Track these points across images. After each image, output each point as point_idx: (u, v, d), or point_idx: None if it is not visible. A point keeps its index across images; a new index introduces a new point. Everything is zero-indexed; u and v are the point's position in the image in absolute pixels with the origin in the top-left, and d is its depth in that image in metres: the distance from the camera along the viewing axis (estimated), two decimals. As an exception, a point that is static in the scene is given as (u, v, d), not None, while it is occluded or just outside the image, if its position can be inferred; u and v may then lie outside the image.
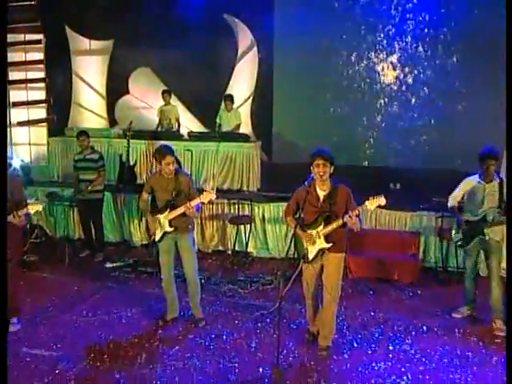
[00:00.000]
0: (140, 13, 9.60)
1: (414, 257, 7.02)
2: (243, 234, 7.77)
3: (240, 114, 9.14)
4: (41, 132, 9.46)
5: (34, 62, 9.02)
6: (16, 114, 9.22)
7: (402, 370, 4.57)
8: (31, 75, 9.21)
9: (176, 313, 5.42)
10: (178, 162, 5.89)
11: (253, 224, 7.76)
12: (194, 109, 9.85)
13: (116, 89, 10.33)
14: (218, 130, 8.76)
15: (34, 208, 5.04)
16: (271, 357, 4.48)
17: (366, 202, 4.39)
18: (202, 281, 6.13)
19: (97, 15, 9.67)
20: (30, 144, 9.43)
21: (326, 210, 4.50)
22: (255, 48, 9.71)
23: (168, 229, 5.00)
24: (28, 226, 7.48)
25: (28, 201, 5.18)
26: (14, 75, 9.07)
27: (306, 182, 4.59)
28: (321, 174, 4.43)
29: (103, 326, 5.33)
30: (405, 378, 4.44)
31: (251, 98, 9.84)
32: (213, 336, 5.12)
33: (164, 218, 5.01)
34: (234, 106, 9.17)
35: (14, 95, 9.16)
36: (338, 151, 9.18)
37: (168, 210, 5.00)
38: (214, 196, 4.93)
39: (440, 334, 5.29)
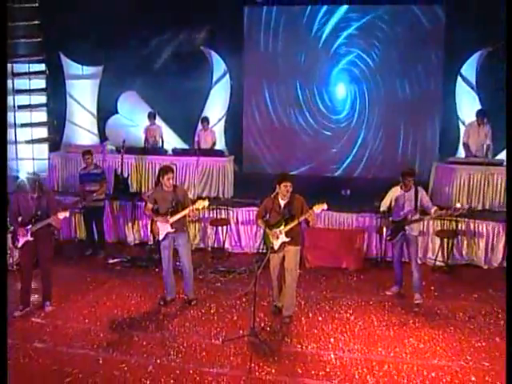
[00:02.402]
0: (127, 43, 11.09)
1: (358, 249, 8.71)
2: (220, 234, 9.35)
3: (215, 133, 10.76)
4: (42, 148, 10.88)
5: (37, 90, 10.45)
6: (22, 133, 10.63)
7: (343, 330, 6.28)
8: (35, 100, 10.63)
9: (174, 295, 7.02)
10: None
11: (228, 225, 9.35)
12: (175, 128, 11.43)
13: (106, 109, 11.75)
14: (197, 147, 10.39)
15: (64, 214, 6.60)
16: (248, 323, 6.11)
17: (314, 207, 6.12)
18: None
19: (88, 44, 11.05)
20: (33, 159, 10.82)
21: (286, 214, 6.20)
22: (227, 75, 11.36)
23: (170, 230, 6.61)
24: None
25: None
26: (20, 100, 10.49)
27: (272, 195, 6.28)
28: (287, 191, 6.13)
29: (117, 307, 6.88)
30: (345, 334, 6.15)
31: (224, 118, 11.48)
32: (203, 311, 6.75)
33: (166, 221, 6.61)
34: (210, 125, 10.80)
35: (20, 117, 10.57)
36: (300, 163, 11.15)
37: (169, 215, 6.60)
38: (207, 203, 6.59)
39: (374, 306, 7.02)
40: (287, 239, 6.19)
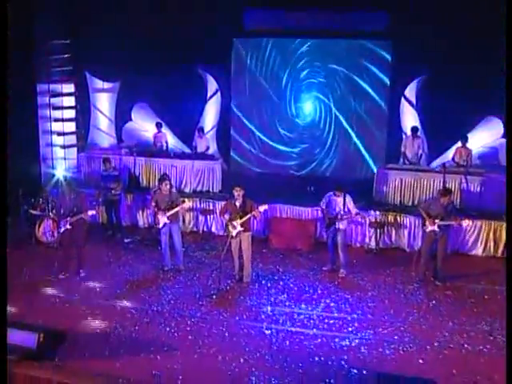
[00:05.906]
0: (140, 65, 13.81)
1: (310, 235, 11.41)
2: (209, 221, 12.23)
3: (209, 140, 13.57)
4: (72, 150, 13.79)
5: (68, 107, 13.40)
6: (57, 140, 13.58)
7: (283, 292, 9.14)
8: (66, 114, 13.56)
9: (169, 266, 9.93)
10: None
11: (215, 214, 12.14)
12: (178, 134, 14.24)
13: (122, 116, 14.50)
14: (195, 151, 13.23)
15: (92, 212, 9.55)
16: (217, 286, 9.04)
17: (259, 207, 8.98)
18: (183, 249, 10.51)
19: (109, 65, 13.76)
20: (64, 159, 13.72)
21: (240, 211, 9.07)
22: (219, 92, 14.11)
23: (167, 220, 9.50)
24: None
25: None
26: (55, 114, 13.41)
27: (229, 199, 9.19)
28: (238, 195, 9.00)
29: (130, 273, 9.83)
30: (284, 296, 9.01)
31: (216, 127, 14.28)
32: (189, 277, 9.67)
33: (164, 215, 9.51)
34: (204, 133, 13.59)
35: (55, 127, 13.49)
36: (277, 165, 13.95)
37: (166, 210, 9.49)
38: (190, 204, 9.51)
39: (311, 277, 9.82)
40: (241, 228, 9.09)
